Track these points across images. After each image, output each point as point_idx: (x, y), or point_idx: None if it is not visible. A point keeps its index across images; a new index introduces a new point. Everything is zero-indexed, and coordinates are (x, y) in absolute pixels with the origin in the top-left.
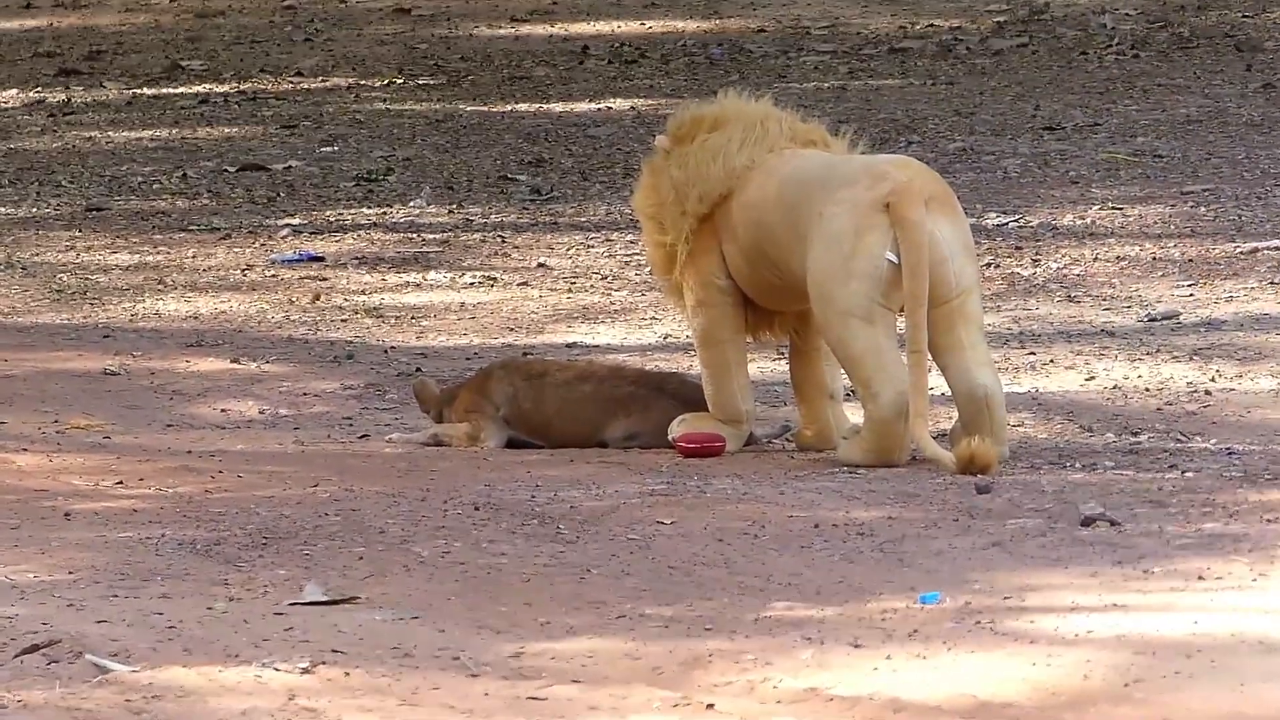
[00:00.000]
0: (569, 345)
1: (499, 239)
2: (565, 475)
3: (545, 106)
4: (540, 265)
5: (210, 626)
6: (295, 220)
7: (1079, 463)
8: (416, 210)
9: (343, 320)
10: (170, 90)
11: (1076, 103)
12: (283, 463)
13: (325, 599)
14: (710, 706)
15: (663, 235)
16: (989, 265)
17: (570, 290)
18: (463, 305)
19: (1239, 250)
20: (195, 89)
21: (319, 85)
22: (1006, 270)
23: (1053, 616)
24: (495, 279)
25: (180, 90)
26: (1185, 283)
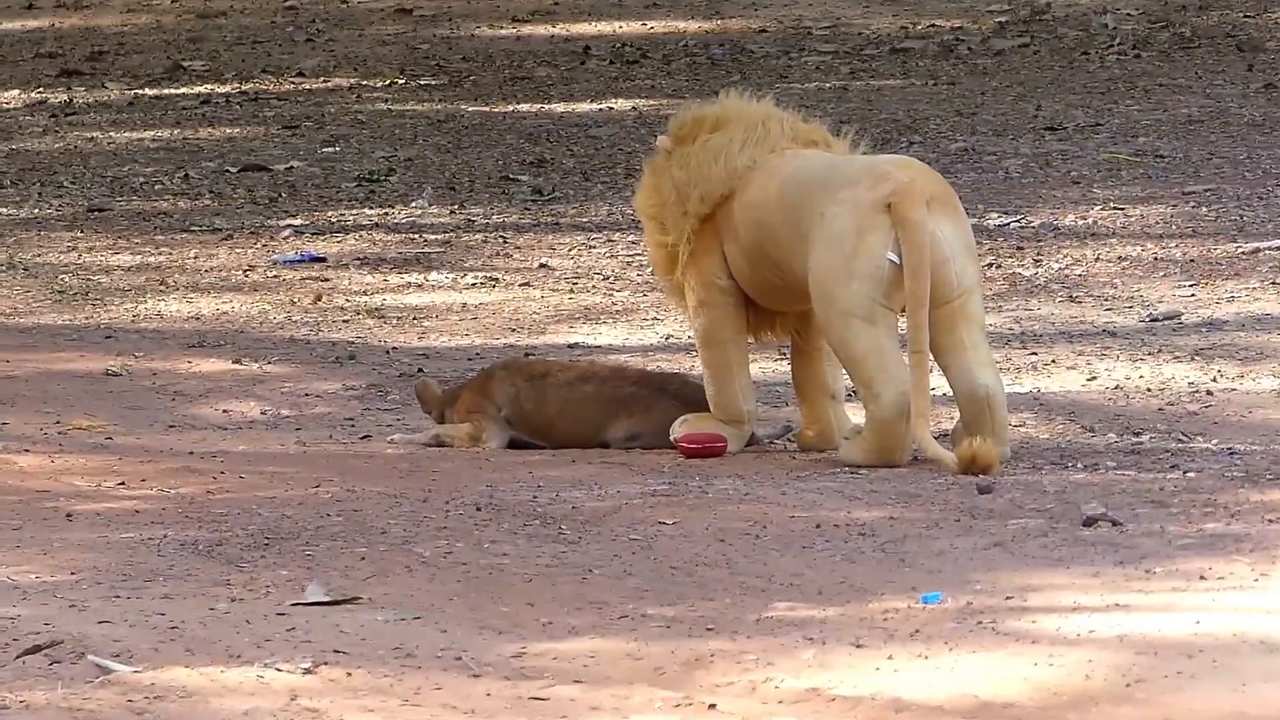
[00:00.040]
0: (571, 346)
1: (501, 239)
2: (567, 476)
3: (547, 107)
4: (542, 266)
5: (212, 627)
6: (297, 221)
7: (1081, 463)
8: (418, 211)
9: (344, 321)
10: (172, 91)
11: (1078, 103)
12: (285, 463)
13: (327, 599)
14: (712, 707)
15: (664, 236)
16: (990, 265)
17: (572, 291)
18: (464, 306)
19: (1240, 250)
20: (197, 89)
21: (321, 85)
22: (1008, 270)
23: (1054, 616)
24: (497, 279)
25: (182, 91)
26: (1187, 283)
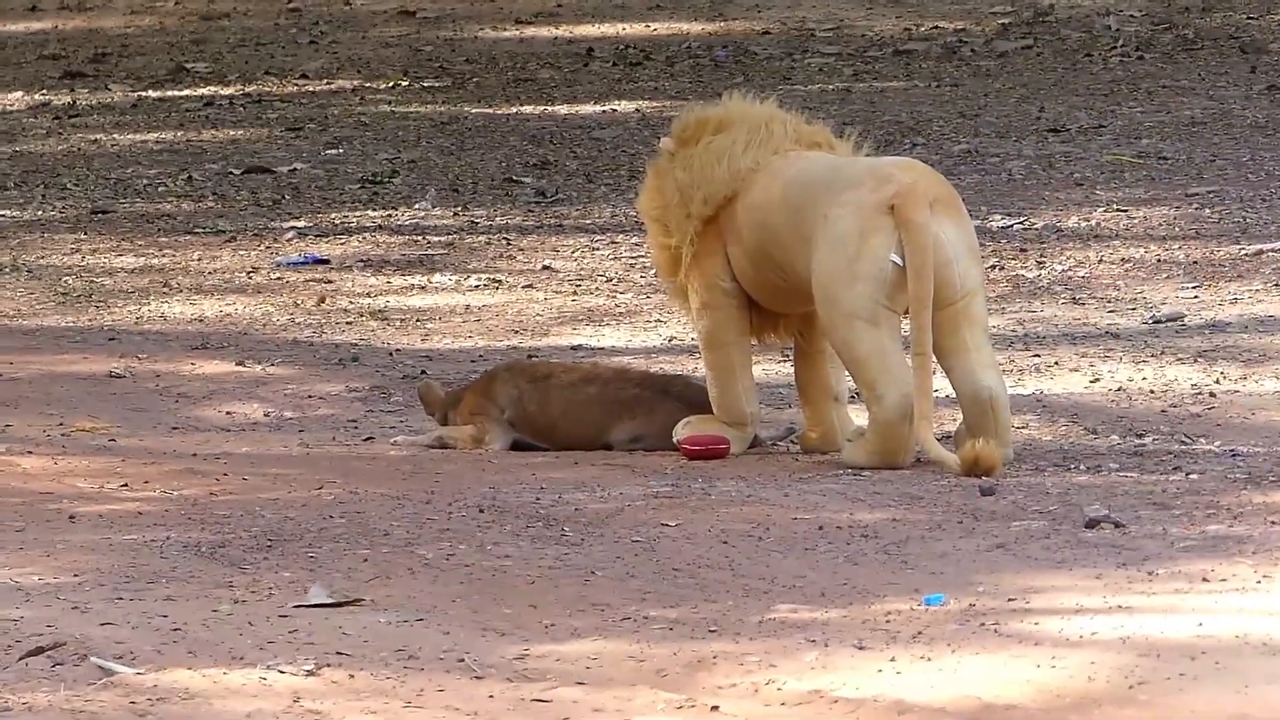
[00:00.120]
0: (574, 347)
1: (504, 241)
2: (570, 477)
3: (550, 109)
4: (545, 267)
5: (215, 629)
6: (300, 223)
7: (1083, 465)
8: (421, 213)
9: (348, 323)
10: (175, 93)
11: (1081, 105)
12: (288, 465)
13: (330, 601)
14: (715, 708)
15: (667, 238)
16: (993, 267)
17: (575, 293)
18: (468, 308)
19: (1243, 252)
20: (200, 91)
21: (324, 87)
22: (1011, 272)
23: (1057, 618)
24: (500, 281)
25: (185, 93)
26: (1190, 285)
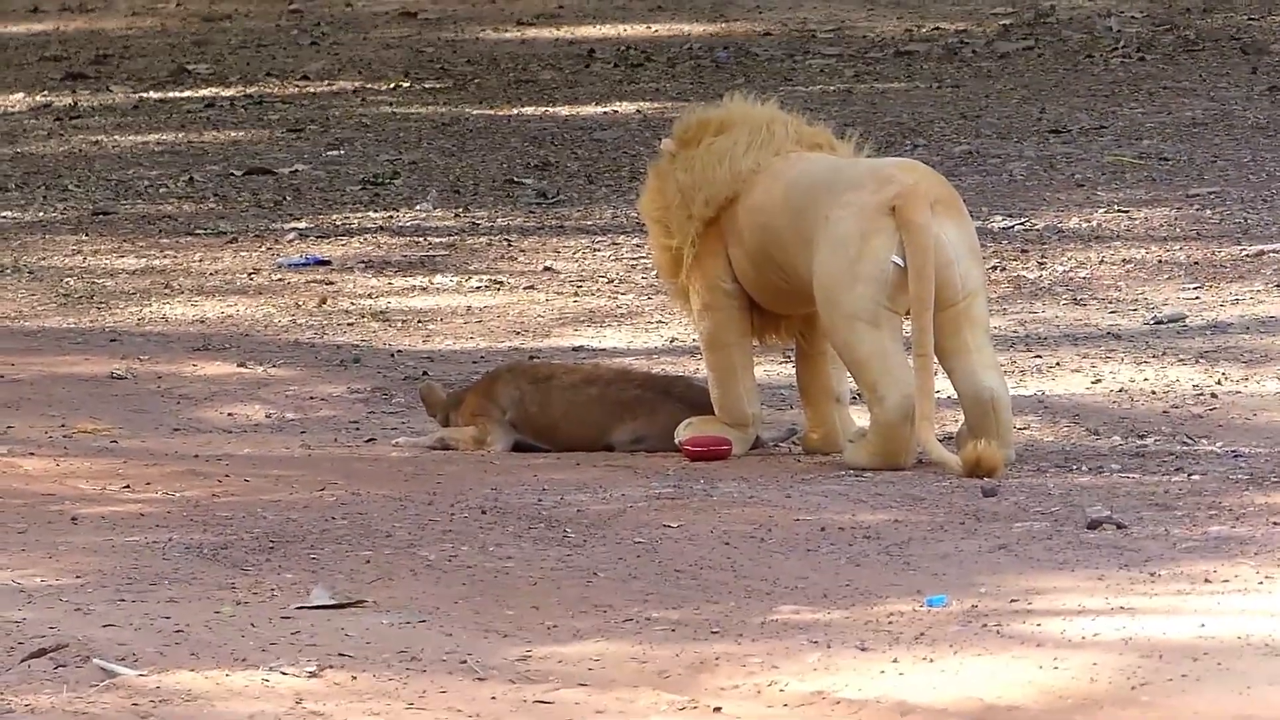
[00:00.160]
0: (575, 349)
1: (505, 242)
2: (572, 479)
3: (551, 110)
4: (546, 269)
5: (217, 630)
6: (302, 224)
7: (1085, 466)
8: (423, 214)
9: (349, 324)
10: (176, 94)
11: (1082, 106)
12: (289, 466)
13: (332, 602)
14: (717, 710)
15: (669, 239)
16: (995, 268)
17: (576, 294)
18: (469, 309)
19: (1245, 253)
20: (201, 93)
21: (325, 89)
22: (1012, 273)
23: (1059, 619)
24: (501, 282)
25: (186, 94)
26: (1191, 285)
